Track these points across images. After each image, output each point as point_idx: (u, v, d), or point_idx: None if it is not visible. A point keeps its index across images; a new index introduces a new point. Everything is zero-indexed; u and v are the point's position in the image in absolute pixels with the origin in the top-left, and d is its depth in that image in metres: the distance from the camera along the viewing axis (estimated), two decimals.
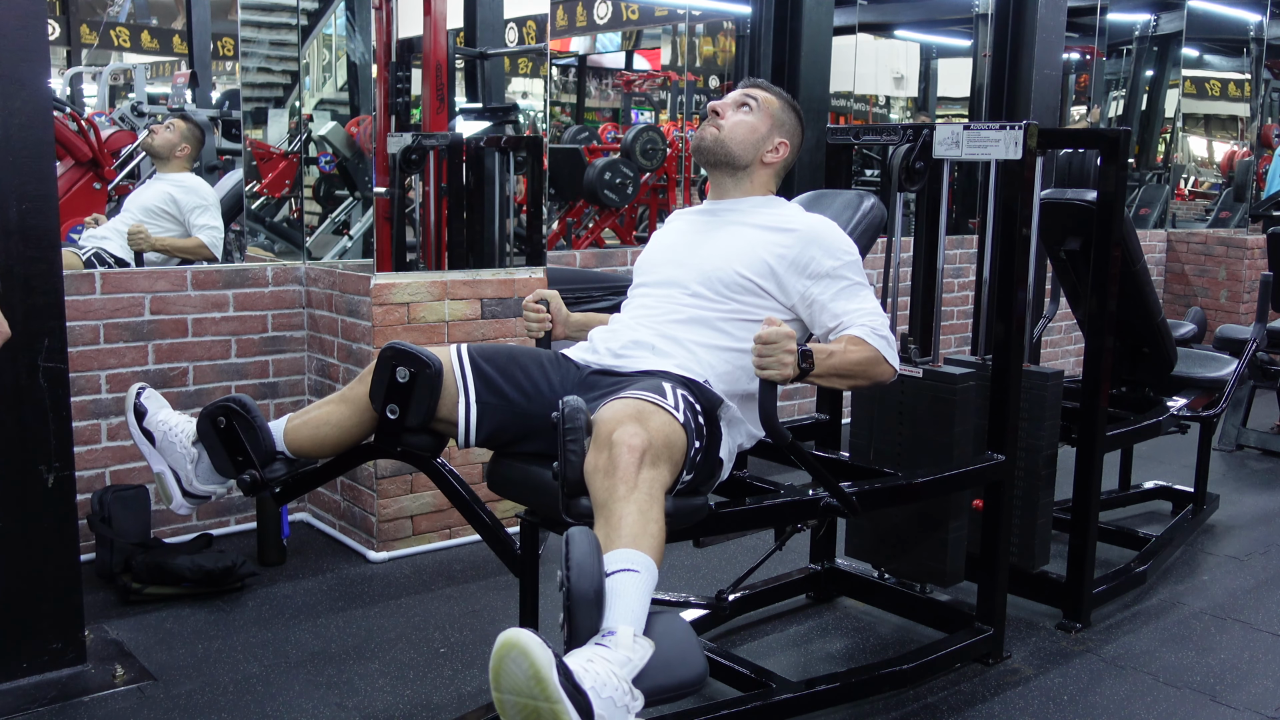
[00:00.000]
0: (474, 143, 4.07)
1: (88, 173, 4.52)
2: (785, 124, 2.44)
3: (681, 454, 1.96)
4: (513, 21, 5.44)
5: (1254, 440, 4.96)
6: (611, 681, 1.57)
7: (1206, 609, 3.19)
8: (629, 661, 1.60)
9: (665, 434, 1.91)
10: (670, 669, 1.64)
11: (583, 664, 1.58)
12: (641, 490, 1.80)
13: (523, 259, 3.92)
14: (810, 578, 3.15)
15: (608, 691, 1.55)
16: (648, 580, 1.72)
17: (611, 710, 1.55)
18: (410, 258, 3.95)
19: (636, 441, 1.83)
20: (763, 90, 2.44)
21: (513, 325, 3.57)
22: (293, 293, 3.66)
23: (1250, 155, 7.84)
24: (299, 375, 3.70)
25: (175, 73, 7.17)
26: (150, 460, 2.23)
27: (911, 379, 2.79)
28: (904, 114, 10.41)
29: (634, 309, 2.39)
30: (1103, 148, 2.95)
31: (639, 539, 1.75)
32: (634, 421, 1.87)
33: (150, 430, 2.23)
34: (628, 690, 1.58)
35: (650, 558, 1.74)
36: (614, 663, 1.60)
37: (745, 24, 8.32)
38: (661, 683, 1.64)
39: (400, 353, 2.11)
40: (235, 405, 2.15)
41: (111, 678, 2.62)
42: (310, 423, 2.20)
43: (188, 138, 4.18)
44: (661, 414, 1.94)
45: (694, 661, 1.67)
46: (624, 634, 1.63)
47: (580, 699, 1.53)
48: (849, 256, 2.31)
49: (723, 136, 2.38)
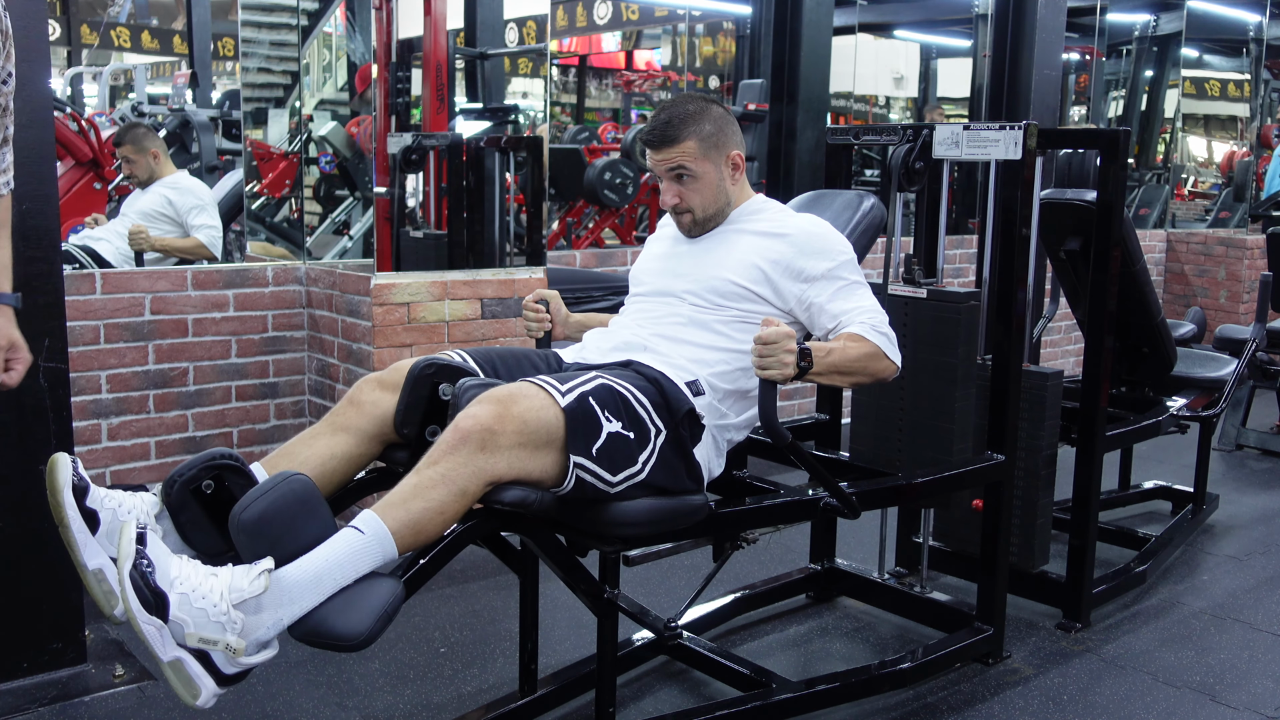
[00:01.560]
0: (474, 143, 4.07)
1: (88, 173, 4.53)
2: (719, 139, 2.30)
3: (548, 441, 1.88)
4: (513, 21, 5.44)
5: (1254, 440, 4.96)
6: (213, 596, 1.63)
7: (1206, 609, 3.19)
8: (240, 589, 1.64)
9: (522, 419, 1.85)
10: (330, 620, 1.68)
11: (197, 573, 1.65)
12: (435, 469, 1.80)
13: (523, 259, 3.92)
14: (810, 578, 3.15)
15: (203, 603, 1.63)
16: (367, 543, 1.72)
17: (200, 618, 1.62)
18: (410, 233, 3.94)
19: (466, 424, 1.82)
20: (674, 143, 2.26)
21: (513, 325, 3.57)
22: (293, 293, 3.67)
23: (1250, 155, 7.84)
24: (299, 375, 3.70)
25: (175, 73, 7.18)
26: (83, 554, 1.71)
27: (915, 300, 2.78)
28: (904, 114, 10.40)
29: (632, 313, 2.39)
30: (1102, 148, 2.95)
31: (390, 509, 1.76)
32: (490, 403, 1.85)
33: (95, 510, 1.76)
34: (227, 610, 1.63)
35: (387, 528, 1.74)
36: (227, 584, 1.65)
37: (745, 24, 8.32)
38: (316, 626, 1.68)
39: (441, 368, 2.04)
40: (227, 460, 1.88)
41: (111, 677, 2.62)
42: (310, 461, 2.00)
43: (144, 143, 4.13)
44: (537, 398, 1.89)
45: (357, 622, 1.68)
46: (257, 567, 1.67)
47: (153, 595, 1.61)
48: (843, 256, 2.31)
49: (698, 216, 2.34)
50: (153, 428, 3.41)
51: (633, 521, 2.00)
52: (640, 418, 2.01)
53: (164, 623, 1.61)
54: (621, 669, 2.61)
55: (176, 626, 1.62)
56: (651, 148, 2.29)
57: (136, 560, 1.61)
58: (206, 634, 1.63)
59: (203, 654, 1.64)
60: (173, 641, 1.62)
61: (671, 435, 2.06)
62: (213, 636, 1.63)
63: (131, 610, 1.59)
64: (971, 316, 2.73)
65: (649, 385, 2.07)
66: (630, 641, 2.68)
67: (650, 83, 10.62)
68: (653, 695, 2.62)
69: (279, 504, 1.71)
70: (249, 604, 1.65)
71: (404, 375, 2.06)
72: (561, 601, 2.98)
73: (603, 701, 2.24)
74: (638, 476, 1.99)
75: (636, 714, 2.53)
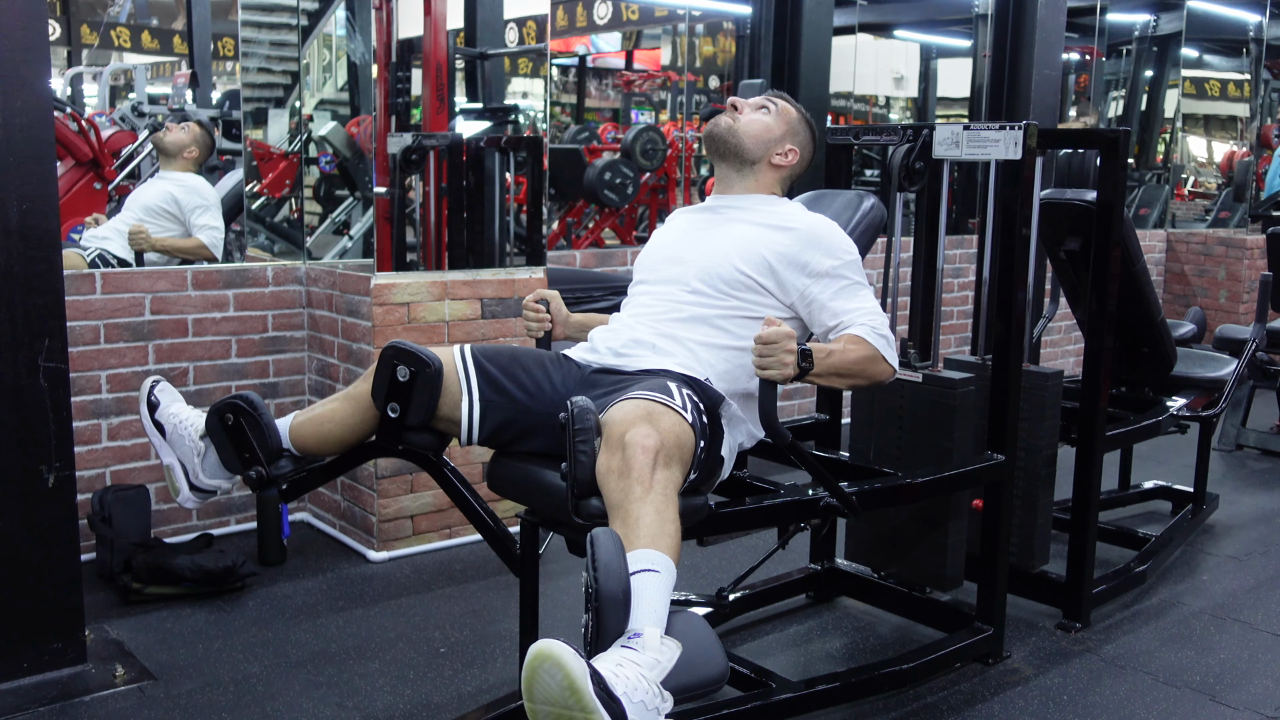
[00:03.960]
0: (474, 143, 4.07)
1: (88, 173, 4.52)
2: (799, 134, 2.46)
3: (690, 453, 1.97)
4: (513, 21, 5.44)
5: (1254, 440, 4.96)
6: (642, 685, 1.57)
7: (1206, 609, 3.19)
8: (657, 664, 1.60)
9: (676, 434, 1.92)
10: (694, 668, 1.65)
11: (613, 669, 1.58)
12: (657, 491, 1.81)
13: (523, 259, 3.92)
14: (810, 577, 3.15)
15: (639, 696, 1.56)
16: (668, 580, 1.72)
17: (643, 714, 1.55)
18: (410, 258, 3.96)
19: (650, 443, 1.84)
20: (783, 100, 2.49)
21: (513, 325, 3.57)
22: (293, 293, 3.67)
23: (1250, 155, 7.85)
24: (299, 375, 3.71)
25: (175, 73, 7.18)
26: (160, 452, 2.26)
27: (911, 384, 2.79)
28: (904, 114, 10.40)
29: (633, 307, 2.40)
30: (1102, 148, 2.95)
31: (657, 539, 1.76)
32: (645, 423, 1.88)
33: (161, 423, 2.25)
34: (657, 693, 1.58)
35: (669, 558, 1.75)
36: (643, 665, 1.60)
37: (745, 24, 8.32)
38: (686, 682, 1.64)
39: (401, 351, 2.12)
40: (243, 403, 2.16)
41: (112, 677, 2.62)
42: (314, 419, 2.22)
43: (199, 142, 4.20)
44: (671, 414, 1.95)
45: (716, 659, 1.67)
46: (651, 636, 1.63)
47: (614, 706, 1.53)
48: (848, 256, 2.32)
49: (737, 127, 2.40)
50: None
51: None
52: (704, 424, 2.08)
53: None
54: None
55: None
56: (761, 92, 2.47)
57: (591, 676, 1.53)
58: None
59: None
60: None
61: (711, 438, 2.11)
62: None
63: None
64: (967, 401, 2.74)
65: (694, 388, 2.12)
66: None
67: (650, 83, 10.62)
68: None
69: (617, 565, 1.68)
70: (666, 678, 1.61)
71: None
72: (562, 601, 2.99)
73: None
74: (692, 477, 2.03)
75: None
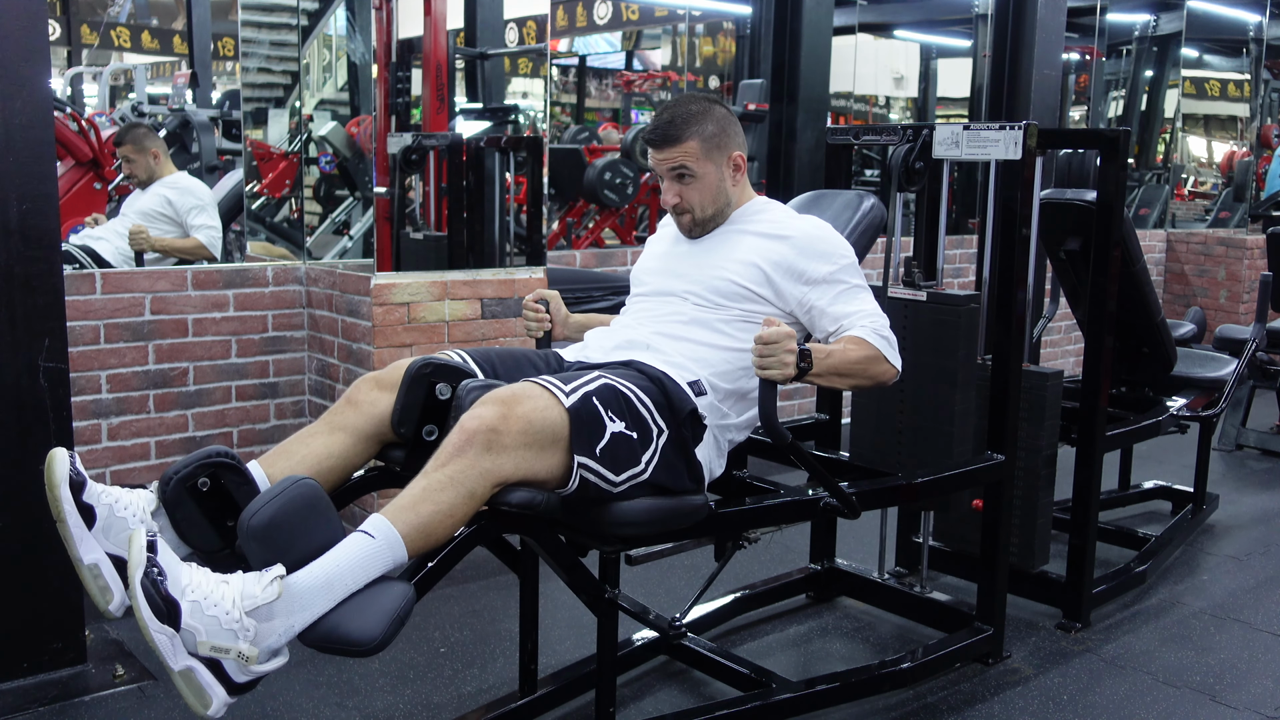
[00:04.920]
0: (474, 143, 4.07)
1: (88, 173, 4.53)
2: (721, 140, 2.29)
3: (552, 441, 1.88)
4: (513, 21, 5.44)
5: (1254, 440, 4.96)
6: (224, 604, 1.62)
7: (1206, 609, 3.19)
8: (252, 596, 1.63)
9: (526, 419, 1.85)
10: (343, 626, 1.67)
11: (208, 580, 1.64)
12: (444, 472, 1.79)
13: (523, 259, 3.92)
14: (810, 577, 3.15)
15: (214, 611, 1.61)
16: (378, 547, 1.71)
17: (212, 626, 1.61)
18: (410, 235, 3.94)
19: (471, 424, 1.82)
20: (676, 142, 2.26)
21: (513, 325, 3.57)
22: (293, 293, 3.67)
23: (1250, 155, 7.84)
24: (299, 375, 3.70)
25: (175, 73, 7.18)
26: (79, 549, 1.76)
27: (915, 303, 2.78)
28: (904, 114, 10.40)
29: (634, 313, 2.39)
30: (1102, 148, 2.95)
31: (400, 512, 1.75)
32: (494, 404, 1.85)
33: (91, 505, 1.79)
34: (239, 618, 1.62)
35: (397, 531, 1.73)
36: (239, 590, 1.64)
37: (745, 24, 8.33)
38: (329, 632, 1.67)
39: (440, 368, 2.04)
40: (224, 458, 1.88)
41: (112, 677, 2.62)
42: (307, 460, 2.01)
43: (145, 143, 4.13)
44: (540, 399, 1.89)
45: (370, 627, 1.67)
46: (269, 574, 1.65)
47: (164, 604, 1.59)
48: (845, 260, 2.31)
49: (698, 216, 2.34)
50: (153, 428, 3.41)
51: (633, 521, 2.00)
52: (643, 417, 2.01)
53: (176, 631, 1.60)
54: (621, 669, 2.61)
55: (188, 635, 1.60)
56: (653, 146, 2.29)
57: (148, 568, 1.59)
58: (219, 642, 1.61)
59: (214, 663, 1.62)
60: (184, 650, 1.61)
61: (674, 435, 2.06)
62: (225, 644, 1.62)
63: (143, 618, 1.57)
64: (971, 319, 2.73)
65: (651, 385, 2.07)
66: (630, 641, 2.68)
67: (650, 83, 10.62)
68: (653, 695, 2.62)
69: (288, 509, 1.70)
70: (261, 611, 1.64)
71: (401, 375, 2.06)
72: (561, 601, 2.98)
73: (603, 701, 2.24)
74: (640, 476, 1.99)
75: (636, 714, 2.53)
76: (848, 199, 2.69)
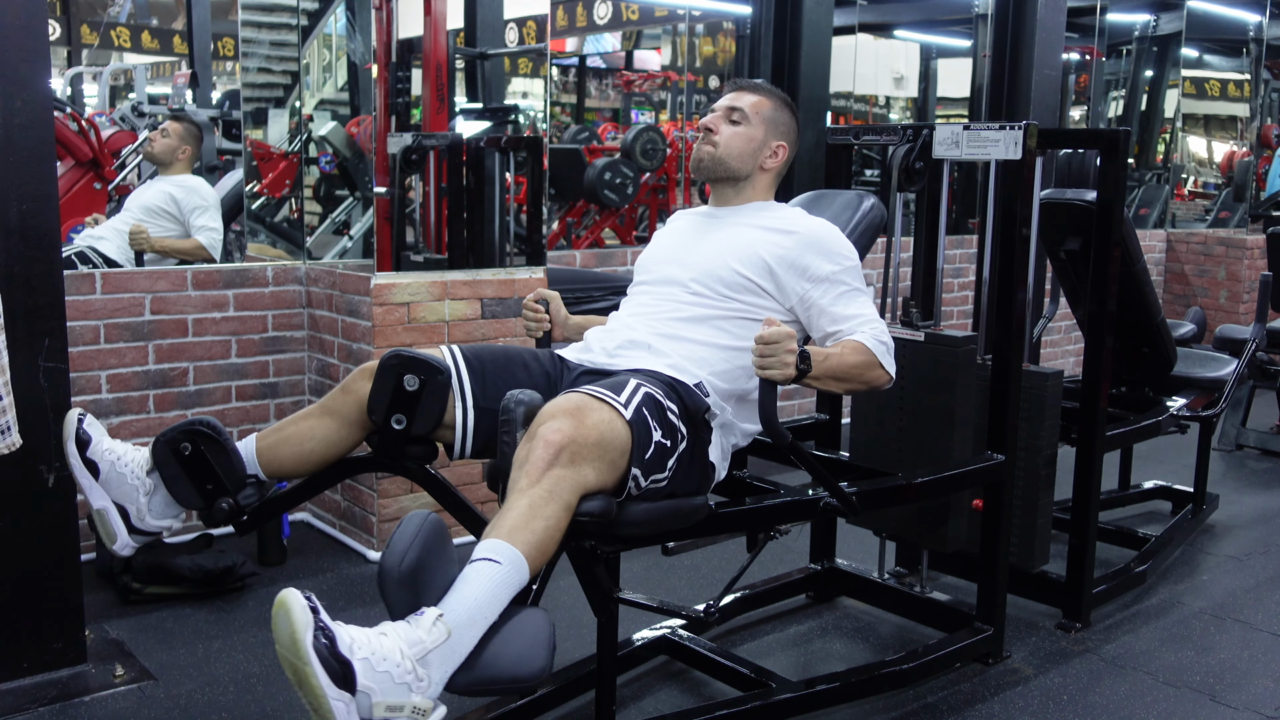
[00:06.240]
0: (474, 143, 4.07)
1: (88, 173, 4.52)
2: (780, 125, 2.42)
3: (621, 453, 1.91)
4: (513, 21, 5.44)
5: (1254, 440, 4.96)
6: (394, 656, 1.54)
7: (1206, 609, 3.19)
8: (420, 642, 1.57)
9: (599, 431, 1.87)
10: (500, 662, 1.62)
11: (368, 635, 1.56)
12: (542, 486, 1.78)
13: (523, 259, 3.92)
14: (810, 577, 3.15)
15: (385, 666, 1.53)
16: (506, 573, 1.67)
17: (385, 683, 1.53)
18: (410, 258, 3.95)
19: (555, 437, 1.81)
20: (752, 93, 2.40)
21: (513, 325, 3.57)
22: (293, 293, 3.67)
23: (1250, 155, 7.84)
24: (299, 375, 3.70)
25: (175, 73, 7.18)
26: (89, 495, 2.03)
27: (913, 343, 2.78)
28: (904, 114, 10.40)
29: (632, 307, 2.39)
30: (1102, 148, 2.95)
31: (515, 533, 1.72)
32: (566, 416, 1.84)
33: (95, 461, 2.03)
34: (411, 669, 1.55)
35: (520, 552, 1.70)
36: (403, 639, 1.57)
37: (745, 24, 8.31)
38: (486, 674, 1.62)
39: (407, 360, 2.06)
40: (204, 428, 2.02)
41: (112, 677, 2.62)
42: (291, 439, 2.11)
43: (186, 139, 4.18)
44: (603, 410, 1.90)
45: (532, 659, 1.63)
46: (428, 615, 1.60)
47: (340, 665, 1.50)
48: (849, 261, 2.31)
49: (719, 154, 2.37)
50: (153, 428, 3.41)
51: (635, 522, 2.00)
52: (673, 425, 2.03)
53: (352, 696, 1.50)
54: (621, 669, 2.61)
55: (364, 697, 1.51)
56: (730, 90, 2.39)
57: (316, 629, 1.50)
58: (393, 699, 1.53)
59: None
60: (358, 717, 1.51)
61: (692, 440, 2.07)
62: (399, 701, 1.54)
63: (318, 687, 1.47)
64: (969, 360, 2.73)
65: (672, 391, 2.09)
66: (630, 641, 2.68)
67: (650, 83, 10.62)
68: (653, 695, 2.62)
69: (427, 548, 1.66)
70: (430, 657, 1.57)
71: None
72: (562, 601, 2.99)
73: (603, 701, 2.24)
74: (661, 482, 2.01)
75: (636, 714, 2.53)
76: (848, 199, 2.69)
